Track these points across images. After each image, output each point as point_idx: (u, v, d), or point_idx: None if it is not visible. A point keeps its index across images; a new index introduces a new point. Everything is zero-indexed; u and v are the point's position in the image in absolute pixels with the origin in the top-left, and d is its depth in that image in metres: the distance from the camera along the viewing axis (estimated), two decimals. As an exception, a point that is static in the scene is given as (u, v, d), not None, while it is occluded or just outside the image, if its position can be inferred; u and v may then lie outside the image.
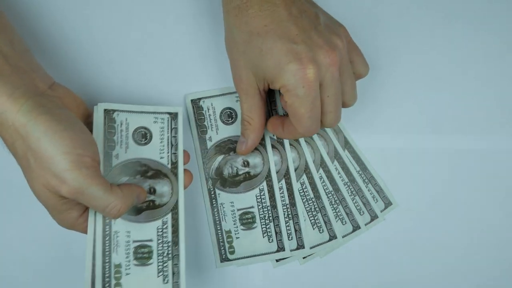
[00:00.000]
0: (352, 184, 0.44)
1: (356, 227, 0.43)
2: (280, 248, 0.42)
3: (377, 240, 0.44)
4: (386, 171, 0.44)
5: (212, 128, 0.42)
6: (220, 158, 0.42)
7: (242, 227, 0.41)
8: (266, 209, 0.41)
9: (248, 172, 0.42)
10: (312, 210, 0.43)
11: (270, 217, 0.42)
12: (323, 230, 0.43)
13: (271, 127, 0.40)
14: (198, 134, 0.42)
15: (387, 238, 0.44)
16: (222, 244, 0.42)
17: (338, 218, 0.43)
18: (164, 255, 0.37)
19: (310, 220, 0.43)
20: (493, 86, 0.45)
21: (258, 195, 0.42)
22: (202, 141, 0.42)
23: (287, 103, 0.35)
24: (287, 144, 0.43)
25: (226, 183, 0.42)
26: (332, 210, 0.43)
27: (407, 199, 0.44)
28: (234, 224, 0.42)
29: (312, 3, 0.38)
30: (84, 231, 0.35)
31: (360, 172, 0.44)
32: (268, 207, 0.42)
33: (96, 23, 0.43)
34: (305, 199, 0.43)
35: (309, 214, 0.43)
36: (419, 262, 0.44)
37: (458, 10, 0.46)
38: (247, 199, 0.42)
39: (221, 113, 0.42)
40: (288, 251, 0.42)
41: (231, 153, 0.42)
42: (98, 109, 0.37)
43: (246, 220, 0.41)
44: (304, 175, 0.43)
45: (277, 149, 0.43)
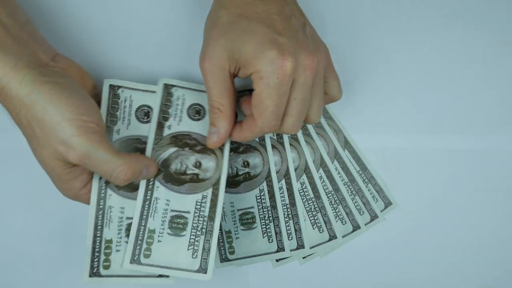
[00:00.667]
0: (352, 184, 0.44)
1: (356, 227, 0.43)
2: (280, 248, 0.42)
3: (377, 240, 0.44)
4: (386, 171, 0.44)
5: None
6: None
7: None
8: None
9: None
10: (312, 210, 0.43)
11: (270, 217, 0.42)
12: (323, 230, 0.43)
13: (243, 105, 0.38)
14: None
15: (387, 238, 0.44)
16: (222, 244, 0.41)
17: (338, 218, 0.43)
18: (198, 229, 0.37)
19: (310, 220, 0.43)
20: (493, 86, 0.45)
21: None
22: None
23: (254, 91, 0.34)
24: (287, 144, 0.43)
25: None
26: (332, 210, 0.43)
27: (407, 199, 0.44)
28: (234, 224, 0.41)
29: (302, 13, 0.38)
30: (87, 202, 0.36)
31: (360, 172, 0.44)
32: (268, 207, 0.42)
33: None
34: (305, 199, 0.43)
35: (309, 214, 0.43)
36: (419, 262, 0.44)
37: (458, 10, 0.45)
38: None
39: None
40: (288, 251, 0.42)
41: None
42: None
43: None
44: (304, 175, 0.43)
45: (277, 149, 0.43)
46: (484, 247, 0.44)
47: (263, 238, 0.41)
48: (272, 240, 0.41)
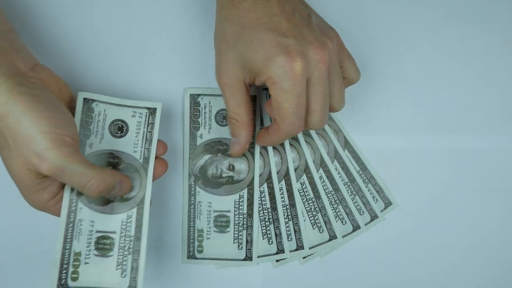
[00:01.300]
0: (352, 184, 0.44)
1: (356, 227, 0.43)
2: (280, 250, 0.42)
3: (377, 240, 0.44)
4: (386, 171, 0.44)
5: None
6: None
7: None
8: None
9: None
10: (312, 210, 0.43)
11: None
12: (323, 230, 0.43)
13: (258, 138, 0.40)
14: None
15: (387, 238, 0.44)
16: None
17: (338, 218, 0.43)
18: (240, 225, 0.41)
19: (310, 220, 0.43)
20: (493, 86, 0.45)
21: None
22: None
23: (272, 97, 0.34)
24: (287, 145, 0.43)
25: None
26: (332, 210, 0.43)
27: (407, 199, 0.44)
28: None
29: (305, 4, 0.38)
30: (54, 213, 0.36)
31: (360, 172, 0.44)
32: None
33: (95, 12, 0.43)
34: (305, 199, 0.43)
35: (309, 214, 0.43)
36: (419, 262, 0.44)
37: (458, 9, 0.45)
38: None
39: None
40: (287, 253, 0.42)
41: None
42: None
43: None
44: (304, 175, 0.43)
45: (277, 150, 0.43)
46: (484, 247, 0.44)
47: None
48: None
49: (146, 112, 0.39)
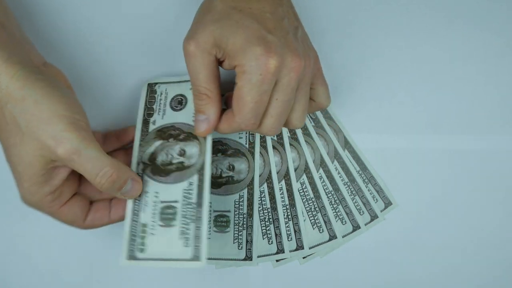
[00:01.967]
0: (352, 184, 0.44)
1: (356, 227, 0.43)
2: (280, 250, 0.42)
3: (377, 240, 0.44)
4: (386, 171, 0.44)
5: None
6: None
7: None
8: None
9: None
10: (312, 210, 0.43)
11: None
12: (323, 230, 0.43)
13: (230, 100, 0.37)
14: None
15: (387, 238, 0.44)
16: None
17: (338, 218, 0.43)
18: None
19: (310, 220, 0.43)
20: (493, 86, 0.45)
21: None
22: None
23: (236, 85, 0.33)
24: (287, 145, 0.43)
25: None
26: (332, 210, 0.43)
27: (407, 199, 0.44)
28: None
29: (296, 17, 0.38)
30: (49, 211, 0.34)
31: (360, 172, 0.44)
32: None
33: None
34: (305, 199, 0.43)
35: (309, 214, 0.43)
36: (419, 262, 0.44)
37: (458, 9, 0.45)
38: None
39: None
40: (287, 253, 0.42)
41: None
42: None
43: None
44: (304, 175, 0.43)
45: (277, 150, 0.43)
46: (484, 247, 0.44)
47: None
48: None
49: None
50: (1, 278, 0.43)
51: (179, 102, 0.40)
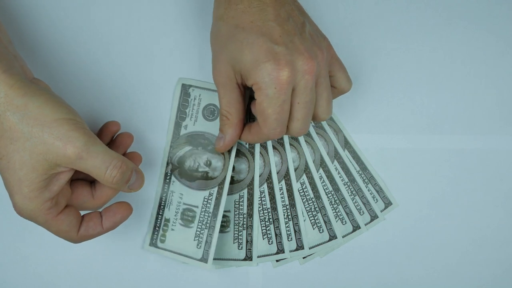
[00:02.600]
0: (352, 184, 0.44)
1: (356, 227, 0.43)
2: (280, 250, 0.42)
3: (377, 240, 0.44)
4: (386, 171, 0.44)
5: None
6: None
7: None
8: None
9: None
10: (312, 210, 0.43)
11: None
12: (323, 230, 0.43)
13: (253, 109, 0.38)
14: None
15: (387, 238, 0.44)
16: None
17: (338, 218, 0.44)
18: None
19: (310, 220, 0.43)
20: (493, 86, 0.45)
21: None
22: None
23: (256, 101, 0.35)
24: (287, 145, 0.43)
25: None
26: (332, 210, 0.43)
27: (407, 199, 0.44)
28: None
29: (301, 11, 0.38)
30: (44, 219, 0.34)
31: (360, 172, 0.44)
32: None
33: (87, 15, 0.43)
34: (305, 199, 0.43)
35: (309, 214, 0.43)
36: (419, 262, 0.44)
37: (458, 10, 0.45)
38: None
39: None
40: (287, 253, 0.42)
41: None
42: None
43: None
44: (304, 175, 0.43)
45: (277, 150, 0.43)
46: (484, 247, 0.44)
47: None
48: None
49: None
50: (1, 278, 0.43)
51: (211, 112, 0.42)
